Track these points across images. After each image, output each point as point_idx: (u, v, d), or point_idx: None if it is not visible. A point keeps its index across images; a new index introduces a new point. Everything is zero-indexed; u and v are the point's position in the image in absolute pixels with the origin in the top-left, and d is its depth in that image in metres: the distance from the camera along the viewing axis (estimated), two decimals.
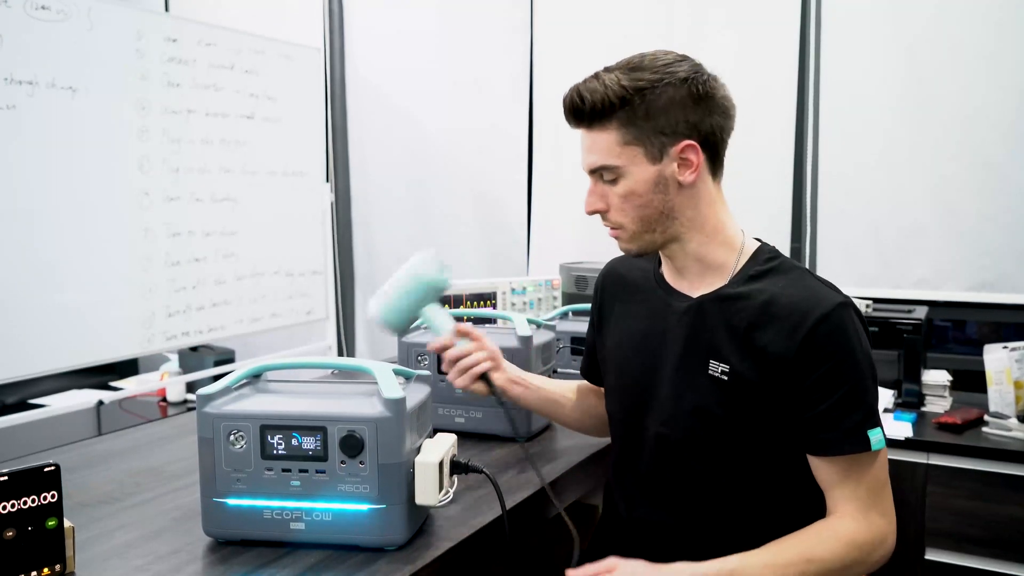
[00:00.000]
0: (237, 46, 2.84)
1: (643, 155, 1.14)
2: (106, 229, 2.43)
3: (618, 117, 1.13)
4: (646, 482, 1.25)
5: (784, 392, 1.13)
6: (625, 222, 1.18)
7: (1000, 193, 2.51)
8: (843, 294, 1.15)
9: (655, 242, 1.20)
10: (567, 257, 2.79)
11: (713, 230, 1.19)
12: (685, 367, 1.19)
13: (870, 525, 1.11)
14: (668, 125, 1.13)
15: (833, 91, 2.73)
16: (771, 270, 1.18)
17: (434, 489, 1.08)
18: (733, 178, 3.05)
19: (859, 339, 1.12)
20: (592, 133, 1.16)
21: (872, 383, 1.13)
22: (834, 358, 1.10)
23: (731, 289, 1.18)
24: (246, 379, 1.16)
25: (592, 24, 3.04)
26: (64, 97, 2.29)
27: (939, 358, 2.66)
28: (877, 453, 1.13)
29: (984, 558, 2.09)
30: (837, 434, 1.11)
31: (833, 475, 1.13)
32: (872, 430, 1.11)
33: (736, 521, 1.19)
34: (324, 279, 3.29)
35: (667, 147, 1.14)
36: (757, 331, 1.14)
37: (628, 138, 1.14)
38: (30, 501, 0.98)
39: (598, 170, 1.18)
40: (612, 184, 1.17)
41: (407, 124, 3.46)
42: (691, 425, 1.19)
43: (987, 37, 2.49)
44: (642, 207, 1.16)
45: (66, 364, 2.38)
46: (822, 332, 1.10)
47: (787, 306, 1.12)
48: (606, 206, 1.19)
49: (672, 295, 1.24)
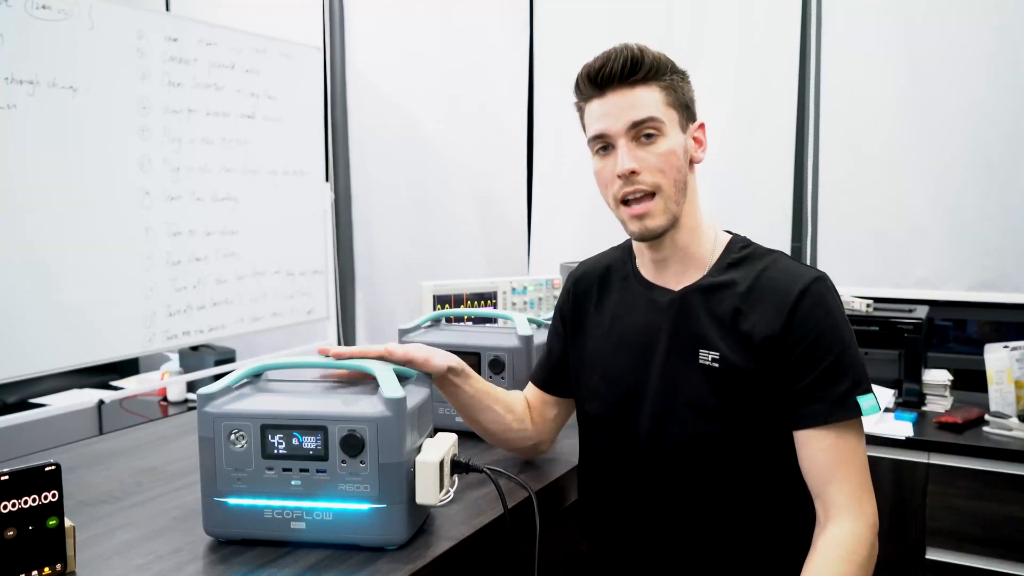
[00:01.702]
0: (238, 45, 2.84)
1: (678, 121, 1.20)
2: (107, 228, 2.43)
3: (665, 80, 1.19)
4: (640, 481, 1.24)
5: (774, 373, 1.14)
6: (663, 183, 1.18)
7: (1001, 192, 2.51)
8: (818, 270, 1.19)
9: (675, 219, 1.20)
10: (567, 256, 2.79)
11: (698, 220, 1.25)
12: (675, 359, 1.20)
13: (864, 515, 1.10)
14: (691, 104, 1.23)
15: (834, 91, 2.73)
16: (747, 257, 1.22)
17: (435, 488, 1.08)
18: (734, 178, 3.07)
19: (840, 309, 1.16)
20: (638, 90, 1.18)
21: (856, 352, 1.15)
22: (817, 330, 1.13)
23: (712, 279, 1.21)
24: (247, 378, 1.16)
25: (593, 24, 3.04)
26: (65, 96, 2.29)
27: (940, 357, 2.66)
28: (861, 430, 1.13)
29: (984, 558, 2.10)
30: (826, 404, 1.12)
31: (823, 451, 1.11)
32: (862, 396, 1.12)
33: (734, 518, 1.19)
34: (325, 278, 3.29)
35: (689, 122, 1.23)
36: (742, 317, 1.16)
37: (669, 101, 1.19)
38: (31, 500, 0.98)
39: (643, 123, 1.17)
40: (650, 143, 1.18)
41: (407, 123, 3.46)
42: (686, 418, 1.18)
43: (988, 36, 2.49)
44: (677, 170, 1.19)
45: (67, 363, 2.37)
46: (804, 306, 1.13)
47: (769, 288, 1.16)
48: (642, 168, 1.17)
49: (653, 290, 1.26)
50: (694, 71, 1.29)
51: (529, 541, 1.13)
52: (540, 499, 1.18)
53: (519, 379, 1.52)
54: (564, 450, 1.51)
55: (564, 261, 2.65)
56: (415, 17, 3.41)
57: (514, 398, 1.39)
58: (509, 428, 1.35)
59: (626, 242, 1.36)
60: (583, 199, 3.04)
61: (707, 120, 1.29)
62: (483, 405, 1.31)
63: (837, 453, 1.11)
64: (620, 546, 1.27)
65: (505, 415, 1.34)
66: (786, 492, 1.18)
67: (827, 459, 1.11)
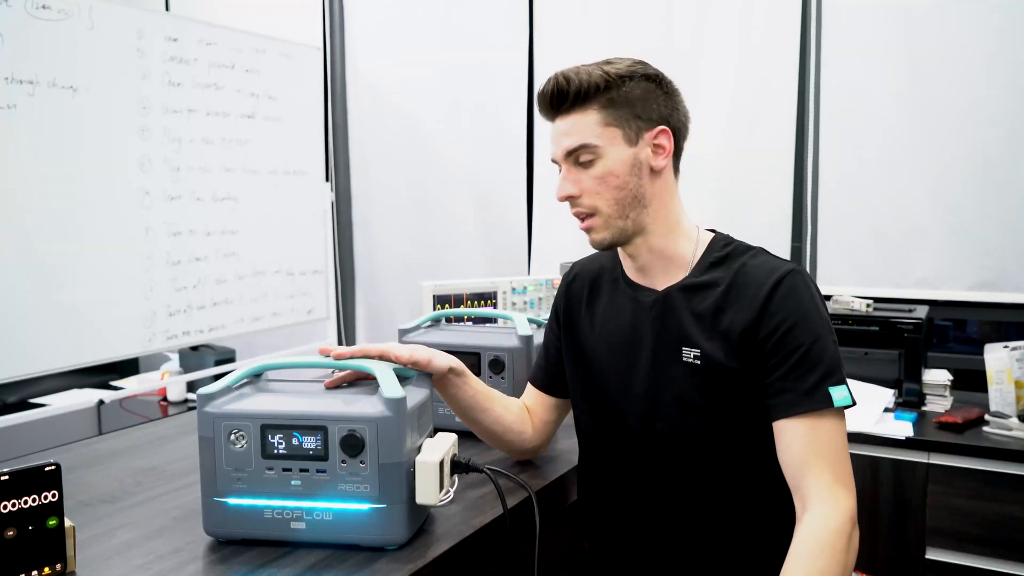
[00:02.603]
0: (238, 45, 2.84)
1: (621, 137, 1.19)
2: (107, 228, 2.43)
3: (599, 100, 1.18)
4: (634, 479, 1.25)
5: (753, 366, 1.15)
6: (601, 205, 1.20)
7: (1001, 192, 2.51)
8: (794, 264, 1.20)
9: (626, 231, 1.22)
10: (567, 257, 2.78)
11: (675, 222, 1.25)
12: (659, 358, 1.22)
13: (840, 507, 1.08)
14: (644, 112, 1.20)
15: (834, 90, 2.73)
16: (728, 255, 1.23)
17: (435, 488, 1.08)
18: (733, 178, 3.06)
19: (813, 301, 1.16)
20: (571, 116, 1.19)
21: (832, 344, 1.15)
22: (788, 321, 1.13)
23: (694, 279, 1.22)
24: (247, 378, 1.16)
25: (593, 24, 3.04)
26: (65, 96, 2.29)
27: (940, 357, 2.65)
28: (838, 421, 1.12)
29: (984, 557, 2.09)
30: (796, 394, 1.12)
31: (796, 442, 1.11)
32: (835, 387, 1.11)
33: (726, 512, 1.20)
34: (325, 278, 3.29)
35: (642, 131, 1.20)
36: (722, 313, 1.18)
37: (608, 120, 1.18)
38: (31, 500, 0.98)
39: (576, 151, 1.19)
40: (588, 167, 1.20)
41: (407, 123, 3.46)
42: (672, 415, 1.20)
43: (988, 36, 2.49)
44: (618, 188, 1.19)
45: (67, 363, 2.38)
46: (777, 297, 1.15)
47: (746, 284, 1.18)
48: (580, 191, 1.20)
49: (638, 291, 1.27)
50: (694, 71, 1.30)
51: (529, 541, 1.13)
52: (540, 499, 1.18)
53: (519, 379, 1.52)
54: (564, 450, 1.51)
55: (564, 261, 2.65)
56: (415, 17, 3.41)
57: (512, 400, 1.39)
58: (510, 429, 1.35)
59: None
60: None
61: (707, 120, 1.29)
62: (482, 406, 1.32)
63: (811, 444, 1.11)
64: (620, 545, 1.28)
65: (505, 415, 1.34)
66: (776, 485, 1.19)
67: (801, 450, 1.11)
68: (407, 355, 1.19)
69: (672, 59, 2.81)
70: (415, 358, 1.20)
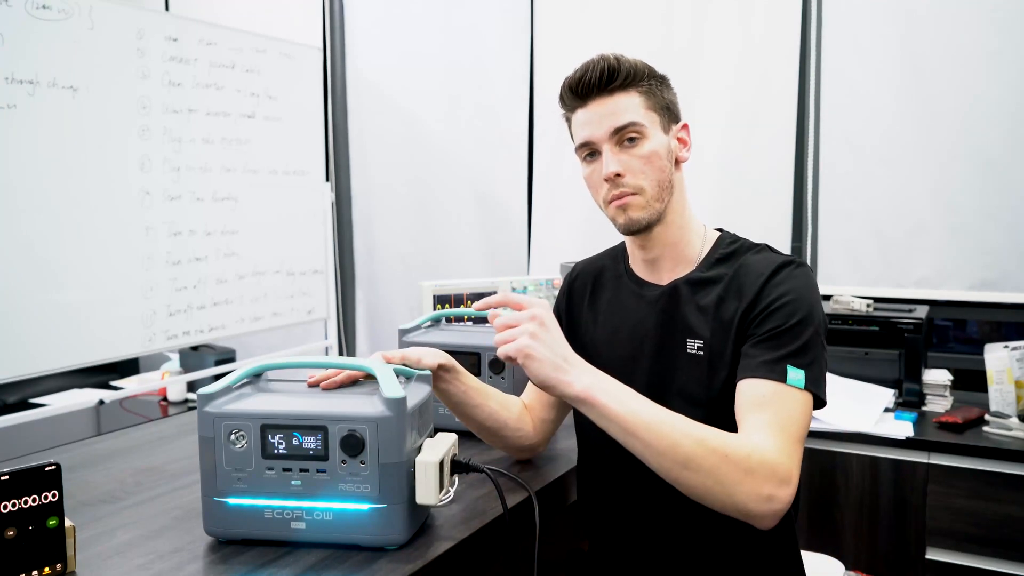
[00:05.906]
0: (238, 45, 2.84)
1: (659, 123, 1.24)
2: (107, 228, 2.43)
3: (643, 84, 1.23)
4: (635, 477, 1.23)
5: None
6: (645, 185, 1.22)
7: (1001, 192, 2.51)
8: (800, 259, 1.23)
9: (659, 213, 1.24)
10: (567, 256, 2.79)
11: (689, 216, 1.29)
12: (664, 351, 1.24)
13: (770, 443, 1.03)
14: (672, 106, 1.27)
15: (834, 90, 2.73)
16: (734, 252, 1.25)
17: (435, 488, 1.08)
18: (733, 178, 3.07)
19: (808, 290, 1.18)
20: (617, 97, 1.22)
21: (815, 335, 1.14)
22: (779, 301, 1.15)
23: (700, 273, 1.25)
24: (247, 378, 1.16)
25: (593, 24, 3.04)
26: (65, 96, 2.29)
27: (940, 357, 2.66)
28: (802, 402, 1.09)
29: (984, 557, 2.10)
30: (756, 361, 1.12)
31: (749, 398, 1.09)
32: (794, 368, 1.10)
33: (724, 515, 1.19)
34: (325, 278, 3.29)
35: (671, 124, 1.26)
36: (724, 305, 1.20)
37: (650, 104, 1.23)
38: (31, 500, 0.98)
39: (624, 129, 1.21)
40: (632, 146, 1.22)
41: (407, 123, 3.46)
42: (676, 408, 1.18)
43: (988, 35, 2.49)
44: (660, 170, 1.23)
45: (67, 363, 2.38)
46: (774, 281, 1.18)
47: (747, 274, 1.20)
48: (625, 170, 1.22)
49: (644, 286, 1.30)
50: (694, 71, 1.31)
51: (529, 541, 1.13)
52: (540, 499, 1.18)
53: (519, 379, 1.52)
54: (564, 450, 1.51)
55: (564, 261, 2.65)
56: (415, 17, 3.41)
57: (510, 397, 1.39)
58: (506, 426, 1.34)
59: (620, 244, 1.40)
60: (583, 199, 3.01)
61: (707, 119, 1.31)
62: (476, 402, 1.30)
63: (765, 401, 1.08)
64: (620, 545, 1.28)
65: (500, 412, 1.33)
66: None
67: (752, 399, 1.09)
68: (399, 357, 1.21)
69: (672, 59, 2.81)
70: (405, 358, 1.21)
